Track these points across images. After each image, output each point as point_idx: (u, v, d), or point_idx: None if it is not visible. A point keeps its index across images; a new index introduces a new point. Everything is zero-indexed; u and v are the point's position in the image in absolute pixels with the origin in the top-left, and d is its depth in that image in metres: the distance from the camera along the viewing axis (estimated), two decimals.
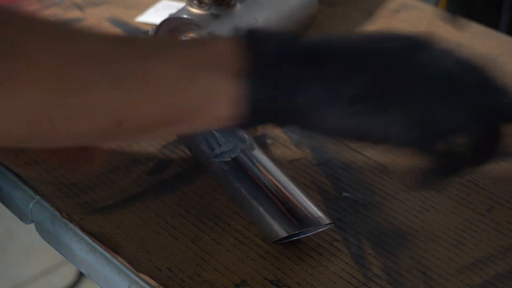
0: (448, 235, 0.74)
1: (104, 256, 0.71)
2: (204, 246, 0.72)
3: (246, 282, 0.69)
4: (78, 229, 0.73)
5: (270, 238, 0.71)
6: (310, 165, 0.81)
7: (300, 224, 0.69)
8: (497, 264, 0.71)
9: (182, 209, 0.75)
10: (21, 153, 0.81)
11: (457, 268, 0.71)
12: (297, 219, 0.70)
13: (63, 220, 0.74)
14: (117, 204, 0.75)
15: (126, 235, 0.72)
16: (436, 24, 1.05)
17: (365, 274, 0.70)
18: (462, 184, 0.79)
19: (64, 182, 0.78)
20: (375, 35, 0.60)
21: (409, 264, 0.71)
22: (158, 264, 0.70)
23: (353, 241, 0.73)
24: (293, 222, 0.69)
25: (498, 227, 0.75)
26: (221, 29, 0.84)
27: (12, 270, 1.94)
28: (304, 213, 0.70)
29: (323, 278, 0.69)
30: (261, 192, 0.71)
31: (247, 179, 0.71)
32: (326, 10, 1.06)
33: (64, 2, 1.05)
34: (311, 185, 0.78)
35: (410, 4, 1.09)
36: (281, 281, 0.69)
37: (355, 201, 0.77)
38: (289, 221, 0.69)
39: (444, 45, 0.58)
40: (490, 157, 0.60)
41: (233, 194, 0.72)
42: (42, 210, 0.75)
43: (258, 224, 0.71)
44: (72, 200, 0.76)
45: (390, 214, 0.76)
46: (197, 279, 0.69)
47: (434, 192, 0.78)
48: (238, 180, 0.71)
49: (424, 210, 0.76)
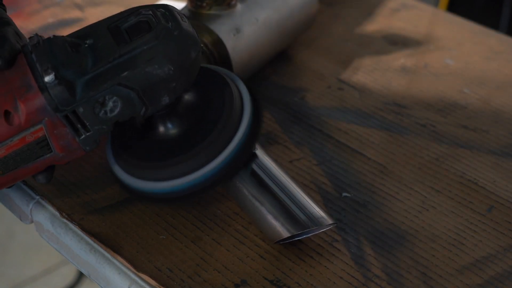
0: (448, 235, 0.74)
1: (104, 256, 0.71)
2: (204, 246, 0.72)
3: (246, 282, 0.69)
4: (78, 229, 0.73)
5: (273, 238, 0.70)
6: (310, 165, 0.81)
7: (303, 225, 0.69)
8: (497, 264, 0.71)
9: (182, 209, 0.75)
10: None
11: (456, 268, 0.71)
12: (300, 220, 0.69)
13: (63, 220, 0.74)
14: (117, 204, 0.75)
15: (126, 235, 0.72)
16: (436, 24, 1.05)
17: (365, 274, 0.70)
18: (462, 184, 0.79)
19: (64, 182, 0.78)
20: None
21: (409, 264, 0.71)
22: (158, 264, 0.70)
23: (353, 242, 0.73)
24: (296, 222, 0.69)
25: (498, 227, 0.75)
26: (221, 29, 0.84)
27: (12, 270, 1.94)
28: (306, 213, 0.70)
29: (323, 278, 0.69)
30: (264, 192, 0.71)
31: (249, 180, 0.71)
32: (326, 10, 1.07)
33: (64, 2, 1.05)
34: (311, 185, 0.78)
35: (410, 3, 1.09)
36: (281, 281, 0.69)
37: (355, 201, 0.77)
38: (291, 221, 0.69)
39: None
40: None
41: (235, 195, 0.72)
42: (42, 210, 0.75)
43: (261, 224, 0.71)
44: (72, 200, 0.76)
45: (390, 214, 0.76)
46: (197, 279, 0.69)
47: (434, 192, 0.78)
48: (240, 181, 0.71)
49: (424, 210, 0.76)
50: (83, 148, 0.67)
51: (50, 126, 0.65)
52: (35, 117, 0.64)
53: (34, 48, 0.65)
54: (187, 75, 0.67)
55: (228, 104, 0.69)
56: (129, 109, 0.66)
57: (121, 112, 0.66)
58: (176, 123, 0.69)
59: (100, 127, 0.66)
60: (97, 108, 0.65)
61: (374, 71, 0.96)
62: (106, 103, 0.65)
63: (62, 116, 0.65)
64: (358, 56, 0.98)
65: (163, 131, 0.69)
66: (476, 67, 0.97)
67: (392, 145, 0.84)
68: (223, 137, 0.68)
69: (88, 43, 0.65)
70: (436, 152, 0.83)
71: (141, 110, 0.66)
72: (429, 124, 0.87)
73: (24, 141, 0.65)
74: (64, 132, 0.66)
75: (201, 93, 0.70)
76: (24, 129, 0.65)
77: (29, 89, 0.64)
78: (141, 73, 0.64)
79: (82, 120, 0.65)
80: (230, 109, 0.69)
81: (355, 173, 0.80)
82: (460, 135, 0.86)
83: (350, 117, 0.88)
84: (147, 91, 0.65)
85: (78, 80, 0.64)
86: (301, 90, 0.92)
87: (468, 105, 0.91)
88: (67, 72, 0.64)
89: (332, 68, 0.96)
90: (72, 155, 0.68)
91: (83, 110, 0.65)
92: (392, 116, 0.88)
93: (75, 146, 0.67)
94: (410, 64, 0.97)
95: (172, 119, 0.69)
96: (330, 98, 0.91)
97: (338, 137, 0.85)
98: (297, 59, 0.97)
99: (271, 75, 0.94)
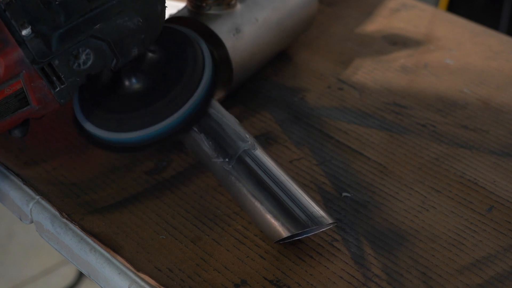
0: (448, 235, 0.74)
1: (104, 256, 0.71)
2: (204, 246, 0.72)
3: (246, 282, 0.69)
4: (78, 229, 0.73)
5: (273, 238, 0.70)
6: (310, 165, 0.81)
7: (303, 224, 0.69)
8: (497, 264, 0.71)
9: (182, 209, 0.75)
10: (21, 153, 0.81)
11: (456, 268, 0.71)
12: (300, 219, 0.69)
13: (63, 220, 0.74)
14: (117, 204, 0.76)
15: (126, 235, 0.72)
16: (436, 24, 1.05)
17: (365, 274, 0.70)
18: (462, 184, 0.79)
19: (64, 182, 0.78)
20: None
21: (409, 264, 0.71)
22: (158, 264, 0.70)
23: (352, 241, 0.73)
24: (296, 221, 0.69)
25: (498, 227, 0.75)
26: (221, 29, 0.84)
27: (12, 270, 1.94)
28: (307, 213, 0.70)
29: (323, 278, 0.69)
30: (264, 191, 0.71)
31: (249, 179, 0.71)
32: (326, 10, 1.07)
33: None
34: (311, 185, 0.78)
35: (410, 3, 1.09)
36: (281, 281, 0.69)
37: (355, 201, 0.77)
38: (292, 220, 0.69)
39: None
40: None
41: (235, 194, 0.72)
42: (42, 210, 0.75)
43: (261, 224, 0.71)
44: (72, 200, 0.76)
45: (390, 214, 0.76)
46: (197, 279, 0.69)
47: (434, 192, 0.78)
48: (240, 180, 0.71)
49: (424, 210, 0.76)
50: (58, 100, 0.70)
51: (27, 78, 0.68)
52: (13, 70, 0.67)
53: (8, 6, 0.67)
54: (155, 27, 0.71)
55: (190, 63, 0.73)
56: (101, 61, 0.70)
57: (94, 64, 0.69)
58: (142, 78, 0.73)
59: (74, 79, 0.69)
60: (71, 61, 0.68)
61: (374, 71, 0.96)
62: (80, 55, 0.69)
63: (38, 69, 0.68)
64: (358, 56, 0.98)
65: (128, 85, 0.74)
66: (476, 67, 0.97)
67: (392, 145, 0.84)
68: (183, 94, 0.72)
69: (59, 0, 0.68)
70: (436, 152, 0.83)
71: (112, 62, 0.70)
72: (429, 124, 0.87)
73: (3, 93, 0.68)
74: (41, 85, 0.69)
75: (165, 50, 0.75)
76: (3, 81, 0.68)
77: (6, 44, 0.67)
78: (113, 25, 0.69)
79: (57, 73, 0.69)
80: (192, 68, 0.73)
81: (355, 173, 0.80)
82: (460, 135, 0.86)
83: (350, 117, 0.88)
84: (118, 43, 0.69)
85: (52, 34, 0.67)
86: (301, 90, 0.92)
87: (468, 105, 0.91)
88: (41, 27, 0.67)
89: (332, 68, 0.96)
90: (47, 107, 0.71)
91: (58, 62, 0.68)
92: (392, 116, 0.88)
93: (50, 98, 0.70)
94: (410, 64, 0.97)
95: (138, 74, 0.73)
96: (330, 98, 0.91)
97: (338, 137, 0.85)
98: (297, 59, 0.97)
99: (271, 75, 0.94)
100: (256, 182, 0.71)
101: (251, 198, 0.71)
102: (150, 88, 0.73)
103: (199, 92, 0.72)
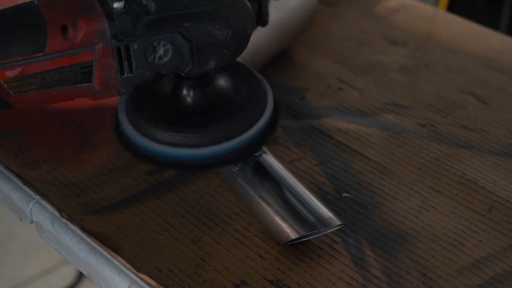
0: (447, 235, 0.74)
1: (104, 256, 0.71)
2: (204, 246, 0.72)
3: (245, 282, 0.69)
4: (78, 229, 0.73)
5: (281, 239, 0.70)
6: (310, 165, 0.81)
7: (312, 226, 0.69)
8: (497, 264, 0.71)
9: (182, 209, 0.75)
10: (21, 153, 0.81)
11: (456, 268, 0.71)
12: (309, 221, 0.69)
13: (63, 220, 0.74)
14: (117, 204, 0.76)
15: (126, 235, 0.72)
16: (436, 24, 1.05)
17: (364, 275, 0.70)
18: (462, 184, 0.79)
19: (64, 182, 0.78)
20: None
21: (409, 265, 0.71)
22: (158, 264, 0.70)
23: (352, 243, 0.73)
24: (305, 223, 0.69)
25: (498, 227, 0.75)
26: None
27: (12, 270, 1.94)
28: (315, 214, 0.70)
29: (323, 278, 0.69)
30: (271, 193, 0.71)
31: (256, 181, 0.71)
32: (326, 10, 1.07)
33: None
34: (311, 185, 0.78)
35: (410, 3, 1.09)
36: (281, 281, 0.69)
37: (355, 201, 0.77)
38: (300, 222, 0.69)
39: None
40: None
41: (241, 196, 0.72)
42: (42, 210, 0.75)
43: (268, 225, 0.71)
44: (72, 200, 0.76)
45: (390, 214, 0.76)
46: (197, 279, 0.69)
47: (434, 192, 0.78)
48: (247, 182, 0.71)
49: (424, 210, 0.76)
50: (119, 88, 0.68)
51: (101, 53, 0.66)
52: (91, 39, 0.65)
53: None
54: (239, 46, 0.70)
55: (256, 94, 0.71)
56: (176, 61, 0.67)
57: (169, 62, 0.67)
58: (204, 96, 0.71)
59: (144, 71, 0.67)
60: (148, 51, 0.66)
61: (374, 71, 0.96)
62: (158, 49, 0.67)
63: (115, 47, 0.66)
64: (358, 56, 0.98)
65: (189, 101, 0.71)
66: (476, 67, 0.97)
67: (392, 145, 0.84)
68: (243, 121, 0.70)
69: None
70: (436, 152, 0.83)
71: (186, 67, 0.68)
72: (429, 124, 0.87)
73: (72, 60, 0.66)
74: (111, 65, 0.67)
75: (231, 80, 0.72)
76: (77, 47, 0.66)
77: (92, 10, 0.65)
78: (202, 28, 0.67)
79: (131, 58, 0.67)
80: (257, 99, 0.71)
81: (355, 173, 0.80)
82: (460, 135, 0.86)
83: (350, 117, 0.88)
84: (200, 48, 0.67)
85: (143, 17, 0.66)
86: (301, 90, 0.92)
87: (468, 105, 0.91)
88: (134, 6, 0.66)
89: (332, 68, 0.96)
90: (106, 92, 0.68)
91: (137, 47, 0.66)
92: (392, 116, 0.88)
93: (113, 83, 0.67)
94: (410, 64, 0.97)
95: (203, 90, 0.71)
96: (330, 98, 0.91)
97: (338, 137, 0.85)
98: (297, 59, 0.97)
99: (271, 75, 0.94)
100: (263, 184, 0.71)
101: (259, 200, 0.71)
102: (209, 109, 0.71)
103: (265, 117, 0.71)
